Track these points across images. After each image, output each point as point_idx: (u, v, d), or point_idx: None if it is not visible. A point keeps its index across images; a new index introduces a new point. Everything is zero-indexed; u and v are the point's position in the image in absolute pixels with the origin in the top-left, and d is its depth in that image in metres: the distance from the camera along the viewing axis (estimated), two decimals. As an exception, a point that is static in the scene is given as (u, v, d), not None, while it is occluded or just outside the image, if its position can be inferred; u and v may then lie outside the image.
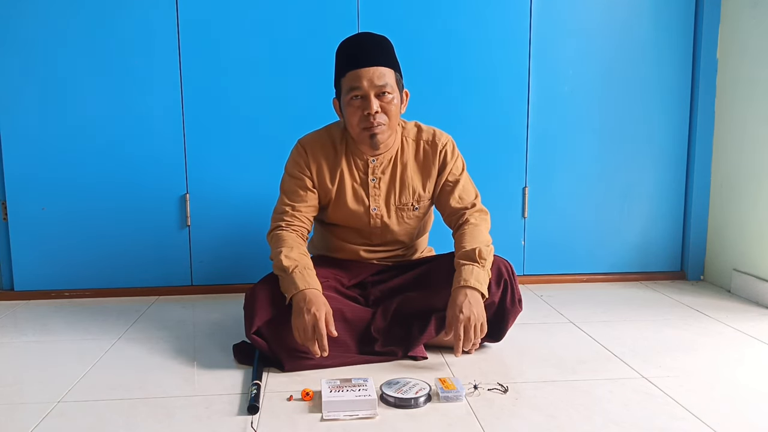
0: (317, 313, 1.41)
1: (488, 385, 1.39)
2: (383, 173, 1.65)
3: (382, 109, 1.52)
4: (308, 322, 1.40)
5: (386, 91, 1.51)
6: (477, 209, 1.65)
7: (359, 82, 1.50)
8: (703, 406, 1.28)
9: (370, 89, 1.50)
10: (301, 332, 1.42)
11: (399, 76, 1.57)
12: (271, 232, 1.62)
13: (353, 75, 1.51)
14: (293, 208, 1.62)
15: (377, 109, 1.51)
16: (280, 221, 1.61)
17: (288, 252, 1.52)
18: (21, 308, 2.10)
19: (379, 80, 1.50)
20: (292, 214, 1.61)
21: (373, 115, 1.51)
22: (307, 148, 1.64)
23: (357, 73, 1.50)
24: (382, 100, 1.52)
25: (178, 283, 2.28)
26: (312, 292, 1.45)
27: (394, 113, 1.55)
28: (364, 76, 1.50)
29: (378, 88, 1.51)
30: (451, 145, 1.68)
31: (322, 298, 1.46)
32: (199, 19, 2.16)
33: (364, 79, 1.50)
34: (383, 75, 1.51)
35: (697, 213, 2.39)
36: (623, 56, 2.33)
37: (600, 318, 1.93)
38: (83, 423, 1.24)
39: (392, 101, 1.53)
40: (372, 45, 1.54)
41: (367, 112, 1.51)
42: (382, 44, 1.56)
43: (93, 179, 2.19)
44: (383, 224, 1.68)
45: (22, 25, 2.11)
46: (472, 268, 1.50)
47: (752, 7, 2.14)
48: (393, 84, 1.53)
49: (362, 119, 1.53)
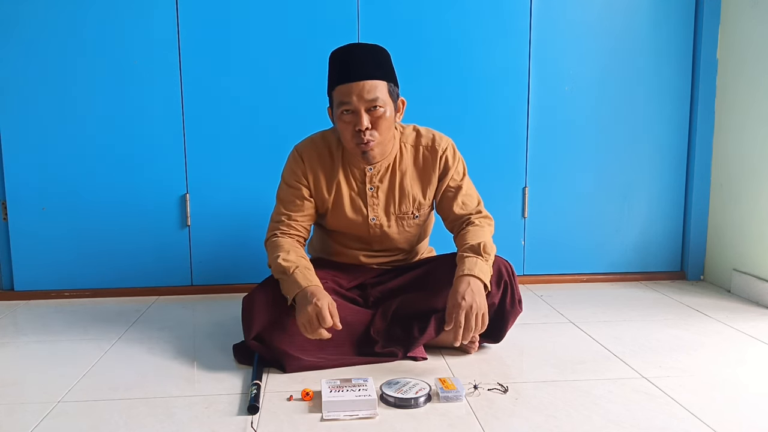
0: (318, 302, 1.40)
1: (488, 385, 1.39)
2: (381, 182, 1.62)
3: (373, 124, 1.48)
4: (311, 313, 1.40)
5: (377, 104, 1.46)
6: (482, 215, 1.62)
7: (349, 98, 1.46)
8: (703, 406, 1.28)
9: (360, 104, 1.46)
10: (306, 325, 1.41)
11: (393, 86, 1.51)
12: (268, 240, 1.61)
13: (343, 89, 1.47)
14: (289, 217, 1.60)
15: (368, 125, 1.47)
16: (276, 230, 1.60)
17: (286, 255, 1.52)
18: (21, 308, 2.10)
19: (369, 95, 1.45)
20: (288, 223, 1.60)
21: (363, 131, 1.47)
22: (304, 156, 1.61)
23: (347, 87, 1.46)
24: (373, 115, 1.47)
25: (178, 283, 2.27)
26: (313, 287, 1.45)
27: (385, 127, 1.50)
28: (354, 91, 1.45)
29: (368, 103, 1.46)
30: (452, 149, 1.64)
31: (324, 291, 1.46)
32: (199, 19, 2.16)
33: (353, 94, 1.45)
34: (373, 89, 1.46)
35: (697, 213, 2.39)
36: (623, 56, 2.33)
37: (600, 318, 1.93)
38: (83, 423, 1.24)
39: (383, 115, 1.48)
40: (362, 57, 1.48)
41: (357, 128, 1.47)
42: (374, 55, 1.50)
43: (93, 179, 2.19)
44: (383, 233, 1.66)
45: (23, 25, 2.10)
46: (476, 260, 1.48)
47: (752, 7, 2.14)
48: (384, 97, 1.48)
49: (354, 135, 1.49)
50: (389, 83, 1.50)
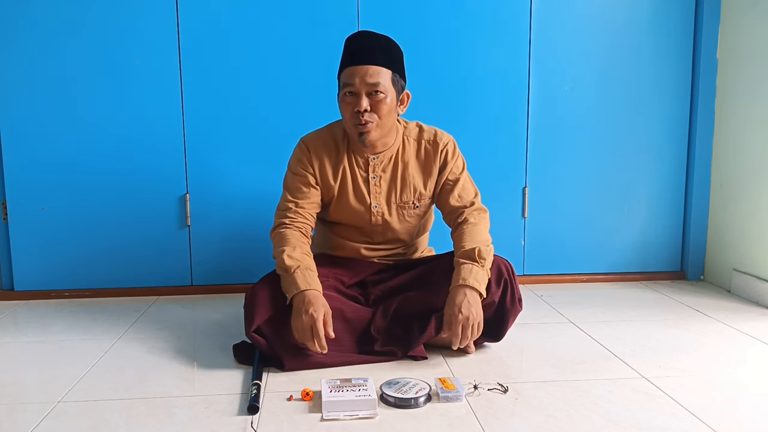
0: (314, 313, 1.41)
1: (488, 385, 1.39)
2: (384, 171, 1.66)
3: (372, 107, 1.54)
4: (306, 323, 1.42)
5: (378, 90, 1.53)
6: (476, 208, 1.65)
7: (352, 79, 1.53)
8: (703, 406, 1.28)
9: (361, 87, 1.52)
10: (299, 333, 1.44)
11: (397, 77, 1.57)
12: (275, 230, 1.62)
13: (348, 72, 1.54)
14: (296, 204, 1.63)
15: (366, 107, 1.53)
16: (284, 218, 1.62)
17: (291, 252, 1.53)
18: (21, 308, 2.10)
19: (372, 78, 1.52)
20: (295, 210, 1.62)
21: (362, 112, 1.53)
22: (310, 145, 1.66)
23: (352, 70, 1.53)
24: (373, 99, 1.53)
25: (178, 283, 2.27)
26: (312, 293, 1.46)
27: (385, 112, 1.55)
28: (357, 73, 1.52)
29: (369, 87, 1.52)
30: (452, 145, 1.69)
31: (322, 299, 1.47)
32: (199, 19, 2.16)
33: (356, 77, 1.52)
34: (376, 74, 1.52)
35: (697, 213, 2.39)
36: (623, 56, 2.33)
37: (600, 318, 1.93)
38: (83, 423, 1.24)
39: (383, 100, 1.54)
40: (370, 44, 1.56)
41: (356, 110, 1.53)
42: (382, 43, 1.57)
43: (93, 179, 2.19)
44: (384, 222, 1.68)
45: (23, 25, 2.10)
46: (471, 267, 1.50)
47: (752, 7, 2.14)
48: (387, 84, 1.54)
49: (352, 116, 1.56)
50: (394, 73, 1.56)
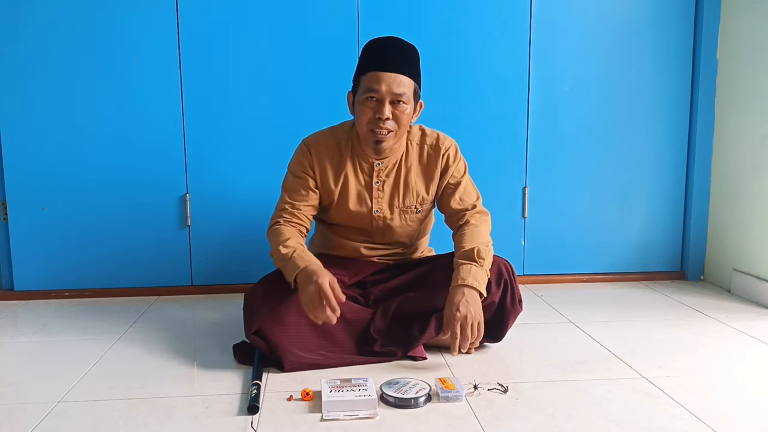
0: (319, 280, 1.41)
1: (488, 385, 1.39)
2: (387, 176, 1.65)
3: (394, 117, 1.53)
4: (313, 291, 1.41)
5: (402, 100, 1.52)
6: (477, 210, 1.65)
7: (378, 85, 1.50)
8: (703, 406, 1.28)
9: (386, 95, 1.50)
10: (308, 304, 1.42)
11: (418, 87, 1.57)
12: (270, 228, 1.62)
13: (374, 76, 1.51)
14: (293, 206, 1.62)
15: (389, 116, 1.51)
16: (279, 218, 1.62)
17: (285, 242, 1.53)
18: (21, 308, 2.10)
19: (398, 88, 1.50)
20: (291, 211, 1.62)
21: (384, 120, 1.51)
22: (312, 148, 1.64)
23: (378, 75, 1.50)
24: (396, 109, 1.52)
25: (178, 283, 2.27)
26: (313, 266, 1.45)
27: (404, 122, 1.55)
28: (384, 80, 1.50)
29: (395, 96, 1.51)
30: (454, 149, 1.69)
31: (324, 269, 1.46)
32: (199, 18, 2.16)
33: (383, 83, 1.50)
34: (402, 83, 1.51)
35: (697, 213, 2.39)
36: (623, 56, 2.33)
37: (600, 318, 1.93)
38: (83, 423, 1.24)
39: (405, 111, 1.53)
40: (399, 52, 1.54)
41: (378, 116, 1.51)
42: (410, 53, 1.56)
43: (93, 179, 2.19)
44: (385, 225, 1.68)
45: (23, 25, 2.10)
46: (471, 267, 1.50)
47: (752, 7, 2.14)
48: (410, 94, 1.54)
49: (371, 120, 1.53)
50: (416, 84, 1.56)
